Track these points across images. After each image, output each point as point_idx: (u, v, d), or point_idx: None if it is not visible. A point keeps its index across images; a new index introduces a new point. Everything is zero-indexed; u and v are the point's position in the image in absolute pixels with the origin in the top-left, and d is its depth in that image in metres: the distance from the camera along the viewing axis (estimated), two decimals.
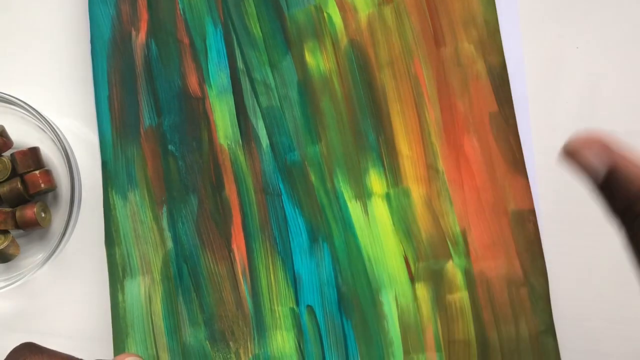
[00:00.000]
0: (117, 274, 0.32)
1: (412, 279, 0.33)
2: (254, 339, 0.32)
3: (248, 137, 0.33)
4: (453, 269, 0.33)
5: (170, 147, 0.33)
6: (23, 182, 0.33)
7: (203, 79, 0.33)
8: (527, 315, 0.32)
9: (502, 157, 0.33)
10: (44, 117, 0.32)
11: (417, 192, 0.33)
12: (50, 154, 0.35)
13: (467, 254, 0.33)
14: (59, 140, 0.32)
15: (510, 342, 0.32)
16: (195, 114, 0.33)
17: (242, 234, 0.32)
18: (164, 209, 0.32)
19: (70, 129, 0.35)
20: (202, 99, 0.33)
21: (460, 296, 0.32)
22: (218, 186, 0.33)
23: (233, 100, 0.33)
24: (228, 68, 0.33)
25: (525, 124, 0.34)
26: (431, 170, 0.33)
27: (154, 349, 0.31)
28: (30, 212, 0.33)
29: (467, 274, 0.33)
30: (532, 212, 0.33)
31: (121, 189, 0.33)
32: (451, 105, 0.33)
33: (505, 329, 0.32)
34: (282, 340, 0.32)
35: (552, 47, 0.35)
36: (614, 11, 0.35)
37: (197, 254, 0.32)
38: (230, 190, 0.33)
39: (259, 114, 0.33)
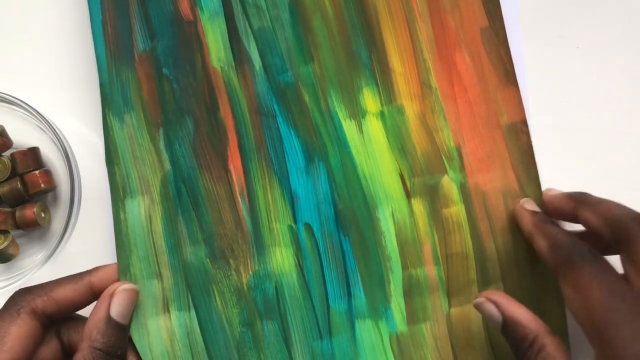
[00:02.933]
0: (118, 193, 0.32)
1: (408, 195, 0.33)
2: (254, 256, 0.32)
3: (241, 60, 0.33)
4: (448, 183, 0.33)
5: (164, 70, 0.33)
6: (23, 182, 0.34)
7: (194, 2, 0.33)
8: None
9: (493, 71, 0.33)
10: (44, 117, 0.32)
11: (410, 109, 0.33)
12: (50, 154, 0.35)
13: (462, 168, 0.33)
14: (59, 140, 0.33)
15: (507, 253, 0.32)
16: (187, 38, 0.33)
17: (238, 155, 0.33)
18: (161, 131, 0.33)
19: (70, 129, 0.35)
20: (194, 22, 0.33)
21: (456, 210, 0.33)
22: (213, 108, 0.33)
23: (225, 23, 0.33)
24: None
25: (517, 38, 0.35)
26: (424, 87, 0.33)
27: (157, 267, 0.32)
28: (30, 212, 0.33)
29: (463, 188, 0.33)
30: (525, 122, 0.33)
31: (118, 111, 0.33)
32: (442, 21, 0.34)
33: (502, 240, 0.32)
34: (282, 256, 0.32)
35: (552, 47, 0.35)
36: (614, 11, 0.35)
37: (195, 175, 0.33)
38: (225, 112, 0.33)
39: (250, 36, 0.33)
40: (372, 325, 0.32)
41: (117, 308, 0.29)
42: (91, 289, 0.30)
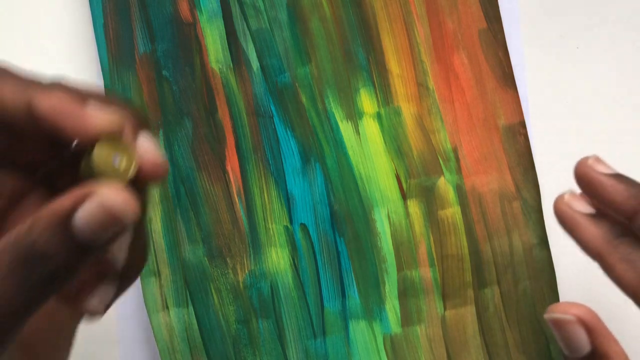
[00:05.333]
0: None
1: (404, 196, 0.33)
2: (250, 255, 0.33)
3: (239, 61, 0.34)
4: (445, 185, 0.33)
5: (164, 72, 0.34)
6: None
7: (194, 4, 0.34)
8: (520, 229, 0.32)
9: (491, 72, 0.33)
10: None
11: (407, 111, 0.33)
12: None
13: (459, 170, 0.33)
14: None
15: (503, 255, 0.32)
16: (187, 40, 0.34)
17: (235, 156, 0.33)
18: (160, 132, 0.33)
19: None
20: (194, 24, 0.34)
21: (452, 211, 0.33)
22: (211, 110, 0.34)
23: (223, 25, 0.34)
24: None
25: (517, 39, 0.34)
26: (422, 88, 0.33)
27: (155, 265, 0.33)
28: None
29: (459, 190, 0.33)
30: (523, 124, 0.33)
31: None
32: (440, 23, 0.33)
33: (499, 242, 0.32)
34: (277, 256, 0.33)
35: (553, 48, 0.35)
36: (614, 11, 0.35)
37: (194, 176, 0.33)
38: (223, 114, 0.34)
39: (248, 37, 0.34)
40: (366, 326, 0.32)
41: (86, 219, 0.17)
42: (29, 108, 0.19)
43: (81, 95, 0.19)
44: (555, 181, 0.34)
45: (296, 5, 0.34)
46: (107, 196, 0.18)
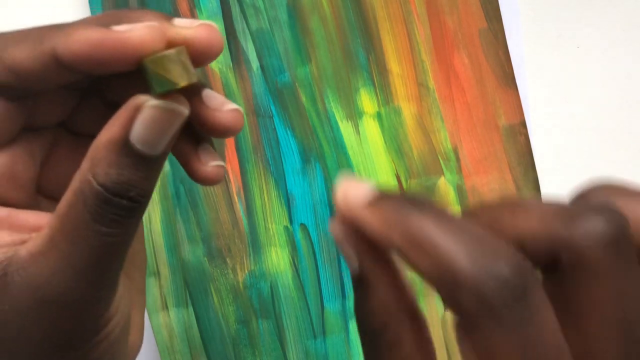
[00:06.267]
0: None
1: None
2: (250, 255, 0.33)
3: (238, 61, 0.34)
4: (445, 185, 0.33)
5: None
6: None
7: (193, 4, 0.34)
8: None
9: (492, 72, 0.33)
10: None
11: (408, 110, 0.33)
12: None
13: (459, 170, 0.33)
14: None
15: None
16: None
17: (235, 156, 0.33)
18: None
19: None
20: None
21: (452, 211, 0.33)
22: None
23: (223, 24, 0.34)
24: None
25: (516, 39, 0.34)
26: (422, 88, 0.33)
27: (155, 265, 0.33)
28: None
29: (459, 190, 0.33)
30: (523, 124, 0.32)
31: None
32: (440, 22, 0.33)
33: None
34: (277, 256, 0.33)
35: (552, 47, 0.34)
36: (614, 10, 0.35)
37: None
38: None
39: (248, 37, 0.34)
40: None
41: (141, 131, 0.18)
42: (55, 59, 0.18)
43: (104, 25, 0.19)
44: (556, 181, 0.34)
45: (296, 4, 0.33)
46: (156, 101, 0.18)
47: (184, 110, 0.18)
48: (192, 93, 0.19)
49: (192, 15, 0.34)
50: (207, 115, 0.20)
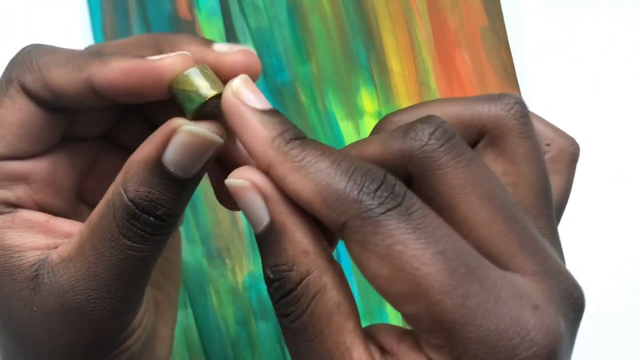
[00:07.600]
0: None
1: None
2: (249, 256, 0.33)
3: None
4: None
5: None
6: None
7: (192, 2, 0.33)
8: None
9: (493, 71, 0.33)
10: None
11: None
12: None
13: None
14: None
15: None
16: None
17: None
18: None
19: None
20: (192, 22, 0.33)
21: None
22: None
23: (222, 23, 0.33)
24: None
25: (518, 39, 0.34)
26: (423, 87, 0.33)
27: None
28: None
29: None
30: None
31: None
32: (442, 21, 0.33)
33: None
34: None
35: (553, 47, 0.34)
36: (614, 10, 0.35)
37: None
38: None
39: (248, 36, 0.33)
40: None
41: (174, 153, 0.18)
42: (90, 86, 0.19)
43: (143, 50, 0.19)
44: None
45: (296, 3, 0.33)
46: (191, 126, 0.18)
47: (218, 138, 0.18)
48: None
49: (192, 14, 0.33)
50: (217, 61, 0.19)
